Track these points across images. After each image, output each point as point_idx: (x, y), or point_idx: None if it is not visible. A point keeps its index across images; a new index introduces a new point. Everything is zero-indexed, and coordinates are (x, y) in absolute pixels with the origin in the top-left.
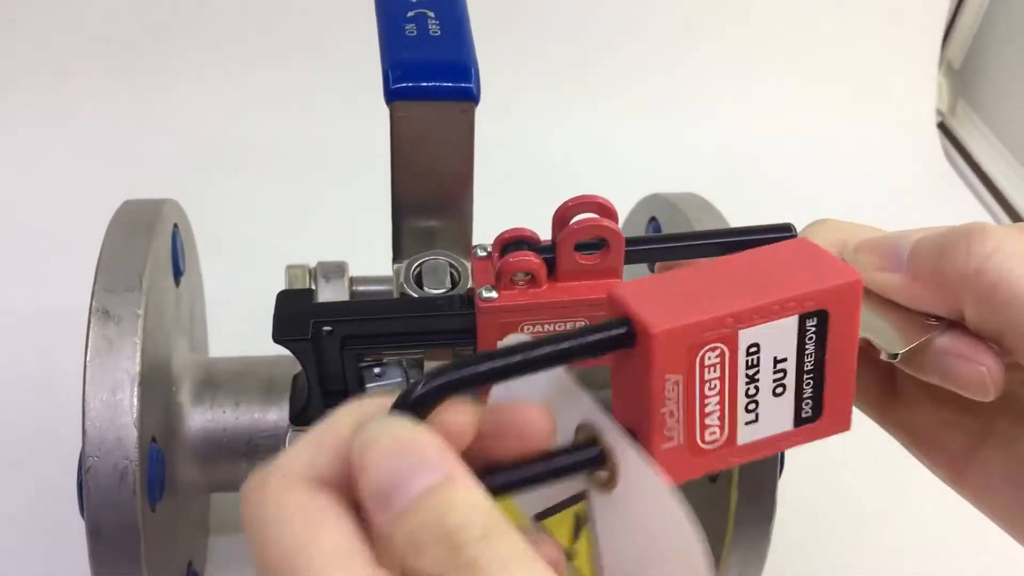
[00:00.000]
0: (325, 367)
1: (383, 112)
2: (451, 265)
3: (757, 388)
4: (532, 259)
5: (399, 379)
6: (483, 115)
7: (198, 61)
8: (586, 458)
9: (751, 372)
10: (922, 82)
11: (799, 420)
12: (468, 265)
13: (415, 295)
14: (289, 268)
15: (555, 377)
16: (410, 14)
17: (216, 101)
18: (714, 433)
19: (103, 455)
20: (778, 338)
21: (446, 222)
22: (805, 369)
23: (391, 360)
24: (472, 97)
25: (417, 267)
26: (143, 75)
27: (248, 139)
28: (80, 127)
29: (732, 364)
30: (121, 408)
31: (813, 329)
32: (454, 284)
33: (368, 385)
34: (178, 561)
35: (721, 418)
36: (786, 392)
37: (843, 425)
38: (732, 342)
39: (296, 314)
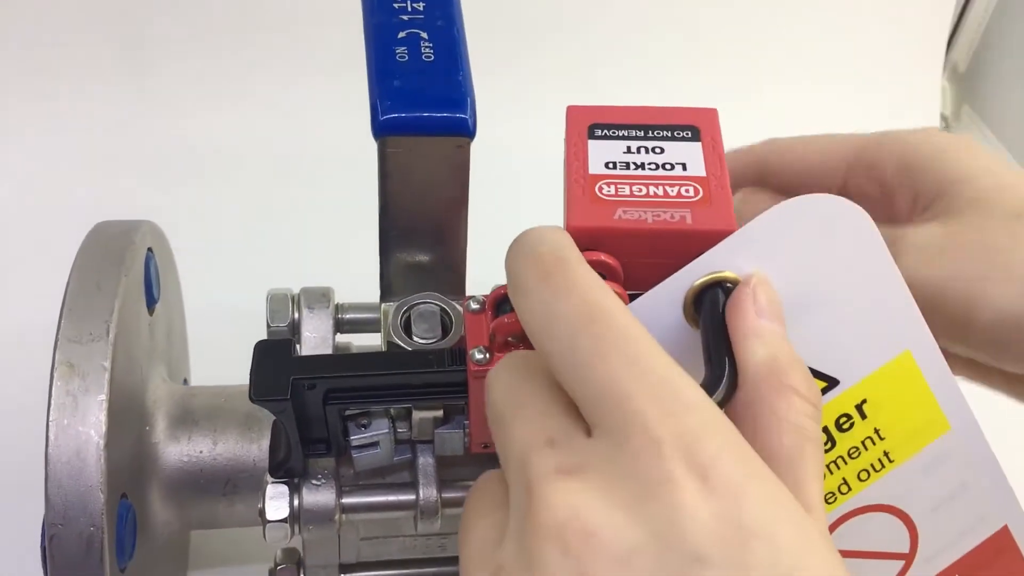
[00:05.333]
0: (306, 419)
1: None
2: (442, 311)
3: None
4: None
5: (386, 430)
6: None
7: (187, 68)
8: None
9: None
10: (926, 87)
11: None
12: (460, 309)
13: (403, 345)
14: (271, 295)
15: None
16: (401, 34)
17: (204, 109)
18: None
19: (67, 523)
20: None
21: (438, 257)
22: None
23: (377, 410)
24: (468, 132)
25: (406, 312)
26: (132, 82)
27: (232, 148)
28: (65, 134)
29: None
30: (86, 470)
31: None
32: (445, 331)
33: (352, 436)
34: None
35: None
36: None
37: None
38: None
39: (275, 371)
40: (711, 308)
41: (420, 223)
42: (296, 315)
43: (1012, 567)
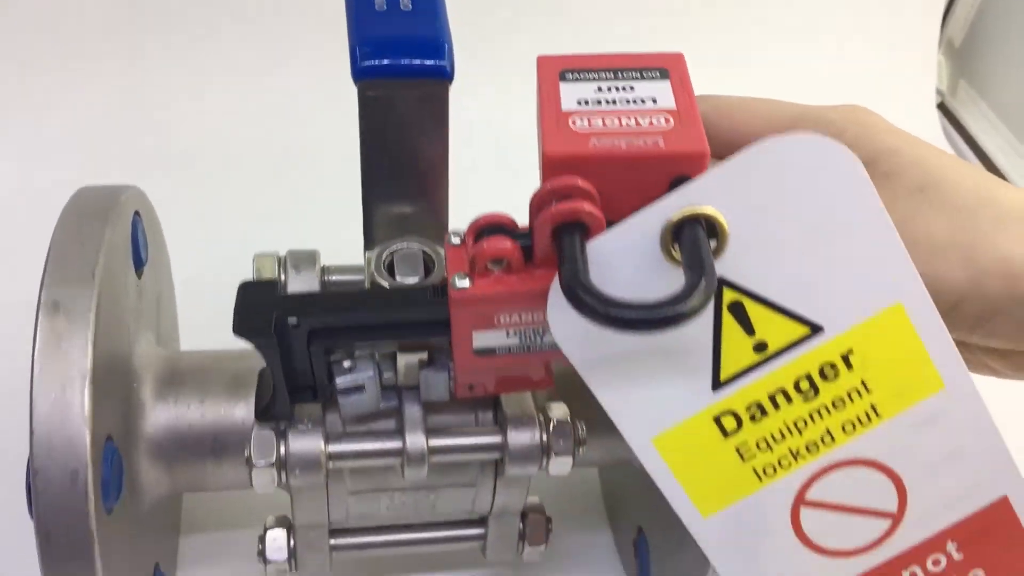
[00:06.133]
0: (291, 362)
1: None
2: (425, 253)
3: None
4: (507, 245)
5: (371, 373)
6: (463, 93)
7: (166, 41)
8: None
9: None
10: (922, 62)
11: None
12: (443, 253)
13: (386, 284)
14: (257, 257)
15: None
16: None
17: (186, 83)
18: None
19: (52, 457)
20: None
21: (420, 208)
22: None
23: (362, 354)
24: (445, 75)
25: (389, 255)
26: (110, 57)
27: (218, 123)
28: (42, 111)
29: None
30: (71, 407)
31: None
32: (428, 273)
33: (338, 379)
34: (143, 564)
35: None
36: None
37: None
38: None
39: (259, 306)
40: (692, 242)
41: (401, 169)
42: (282, 276)
43: (1012, 541)
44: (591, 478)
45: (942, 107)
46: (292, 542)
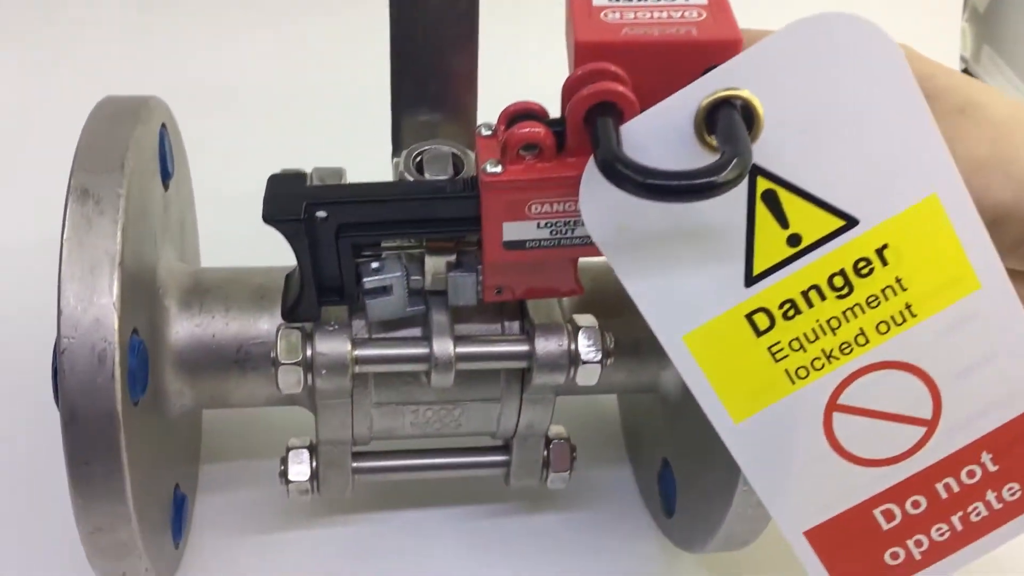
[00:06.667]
0: (319, 259)
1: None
2: (454, 154)
3: None
4: (539, 130)
5: (398, 273)
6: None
7: None
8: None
9: None
10: (946, 29)
11: None
12: (472, 156)
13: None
14: (283, 171)
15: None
16: None
17: (205, 18)
18: None
19: (79, 336)
20: None
21: (448, 117)
22: None
23: (390, 254)
24: None
25: (418, 155)
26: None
27: (241, 44)
28: (52, 32)
29: None
30: (99, 288)
31: None
32: (457, 173)
33: (365, 279)
34: (164, 480)
35: None
36: None
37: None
38: None
39: (288, 195)
40: (727, 121)
41: (431, 73)
42: None
43: None
44: (611, 414)
45: (966, 73)
46: (315, 463)
